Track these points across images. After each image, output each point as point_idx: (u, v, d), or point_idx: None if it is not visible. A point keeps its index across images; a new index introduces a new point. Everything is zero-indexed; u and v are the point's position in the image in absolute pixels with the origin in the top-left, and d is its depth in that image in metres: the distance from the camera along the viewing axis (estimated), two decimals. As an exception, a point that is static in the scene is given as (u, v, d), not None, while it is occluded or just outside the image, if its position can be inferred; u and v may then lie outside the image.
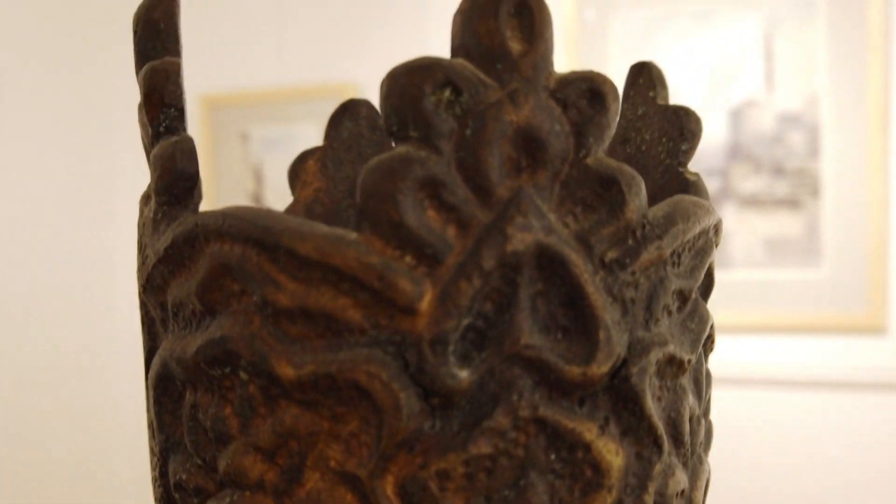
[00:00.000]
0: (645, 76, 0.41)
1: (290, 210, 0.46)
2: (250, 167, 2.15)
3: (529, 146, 0.29)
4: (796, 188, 1.73)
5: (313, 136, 2.09)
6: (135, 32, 0.35)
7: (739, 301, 1.76)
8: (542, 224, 0.29)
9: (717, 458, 1.26)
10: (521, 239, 0.29)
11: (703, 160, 1.77)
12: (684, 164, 0.39)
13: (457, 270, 0.28)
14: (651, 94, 0.40)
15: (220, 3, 2.20)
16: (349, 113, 0.47)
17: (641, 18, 1.80)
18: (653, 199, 0.34)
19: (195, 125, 2.21)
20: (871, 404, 1.76)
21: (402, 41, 2.03)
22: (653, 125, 0.40)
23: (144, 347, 0.37)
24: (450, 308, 0.28)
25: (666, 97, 0.41)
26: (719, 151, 1.77)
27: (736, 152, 1.76)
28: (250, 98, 2.15)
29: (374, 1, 2.06)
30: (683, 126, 0.38)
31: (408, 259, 0.28)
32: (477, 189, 0.29)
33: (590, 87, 0.30)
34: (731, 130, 1.76)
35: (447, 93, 0.29)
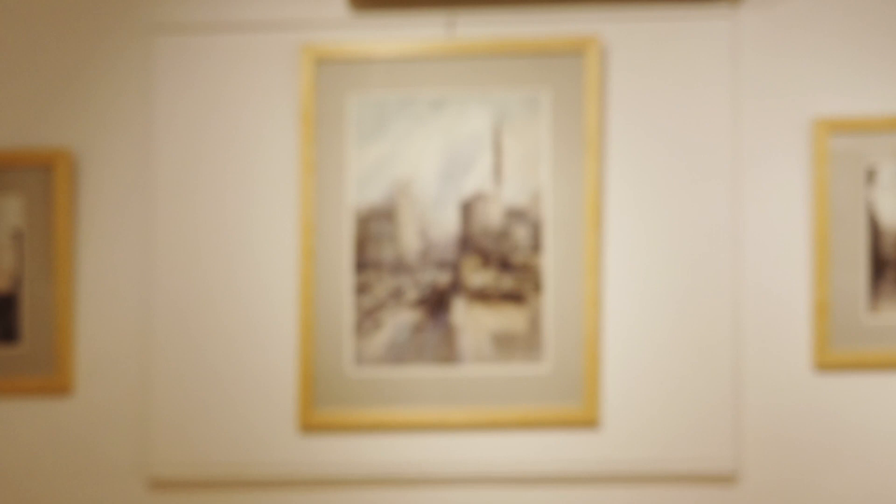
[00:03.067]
0: None
1: None
2: (-65, 244, 1.95)
3: None
4: (521, 283, 1.84)
5: (16, 211, 1.95)
6: None
7: (468, 398, 1.83)
8: None
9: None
10: None
11: (436, 253, 1.86)
12: None
13: None
14: None
15: None
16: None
17: (377, 102, 1.87)
18: None
19: None
20: (589, 498, 1.87)
21: (125, 103, 1.96)
22: None
23: None
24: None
25: None
26: (451, 244, 1.85)
27: (466, 245, 1.85)
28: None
29: (94, 58, 1.97)
30: None
31: None
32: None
33: None
34: (462, 223, 1.85)
35: None
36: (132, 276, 1.96)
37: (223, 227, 1.93)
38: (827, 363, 1.86)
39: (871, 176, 1.86)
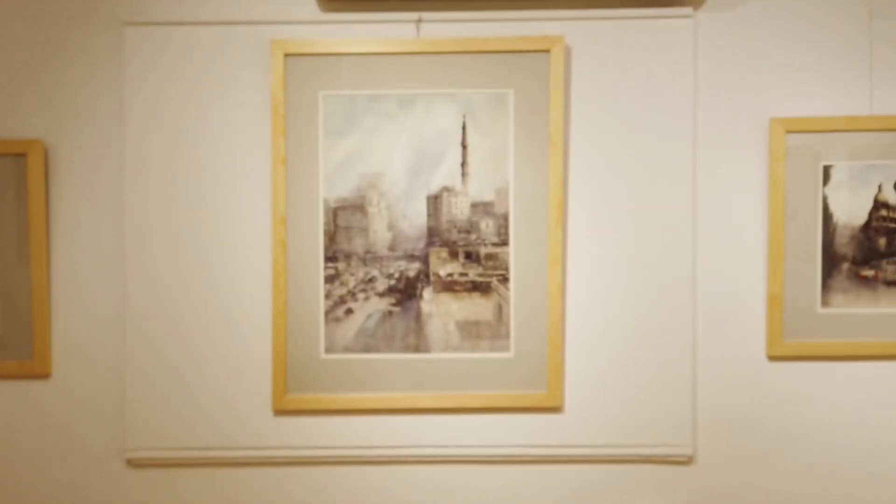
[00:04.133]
0: None
1: None
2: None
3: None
4: (487, 274, 1.90)
5: (-9, 199, 1.97)
6: None
7: (436, 384, 1.90)
8: None
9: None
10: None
11: (405, 245, 1.92)
12: None
13: None
14: None
15: None
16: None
17: (347, 98, 1.91)
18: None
19: None
20: (552, 477, 1.97)
21: (97, 94, 1.98)
22: None
23: None
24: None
25: None
26: (419, 237, 1.92)
27: (434, 237, 1.92)
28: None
29: (66, 49, 1.98)
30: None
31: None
32: None
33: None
34: (430, 216, 1.92)
35: None
36: (107, 262, 1.99)
37: (196, 216, 1.96)
38: (780, 354, 1.94)
39: (825, 174, 1.93)
